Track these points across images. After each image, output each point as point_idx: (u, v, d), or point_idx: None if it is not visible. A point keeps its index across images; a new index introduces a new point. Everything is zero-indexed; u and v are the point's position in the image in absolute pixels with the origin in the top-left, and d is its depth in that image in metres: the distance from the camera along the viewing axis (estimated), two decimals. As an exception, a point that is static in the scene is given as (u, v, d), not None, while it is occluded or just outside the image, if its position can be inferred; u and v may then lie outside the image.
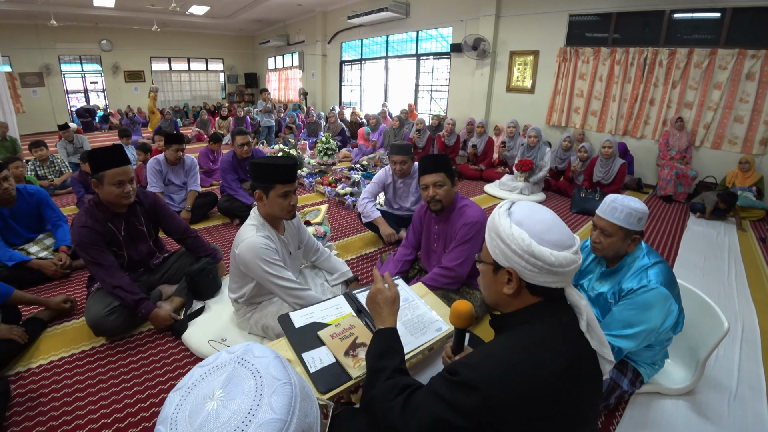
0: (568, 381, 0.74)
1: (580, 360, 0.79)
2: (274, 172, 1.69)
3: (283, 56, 13.97)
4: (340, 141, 7.63)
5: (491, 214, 0.89)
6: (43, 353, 1.91)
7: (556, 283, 0.81)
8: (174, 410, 0.53)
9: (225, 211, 3.79)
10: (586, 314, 0.82)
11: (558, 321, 0.82)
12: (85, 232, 1.91)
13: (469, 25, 7.30)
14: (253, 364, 0.57)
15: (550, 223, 0.82)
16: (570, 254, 0.79)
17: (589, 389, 0.80)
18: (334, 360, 1.26)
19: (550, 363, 0.74)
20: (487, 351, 0.82)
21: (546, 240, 0.79)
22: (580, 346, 0.81)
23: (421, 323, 1.43)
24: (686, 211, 4.62)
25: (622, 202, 1.50)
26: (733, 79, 4.76)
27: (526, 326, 0.82)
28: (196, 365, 0.59)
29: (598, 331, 0.82)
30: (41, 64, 11.39)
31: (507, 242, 0.81)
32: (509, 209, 0.87)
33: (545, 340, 0.78)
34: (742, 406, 1.71)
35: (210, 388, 0.54)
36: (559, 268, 0.78)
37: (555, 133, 6.51)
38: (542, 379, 0.72)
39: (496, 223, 0.85)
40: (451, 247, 2.03)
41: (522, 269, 0.81)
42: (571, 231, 0.84)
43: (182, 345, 1.98)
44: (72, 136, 5.82)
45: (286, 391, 0.54)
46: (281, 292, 1.71)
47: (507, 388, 0.71)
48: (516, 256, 0.80)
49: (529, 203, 0.88)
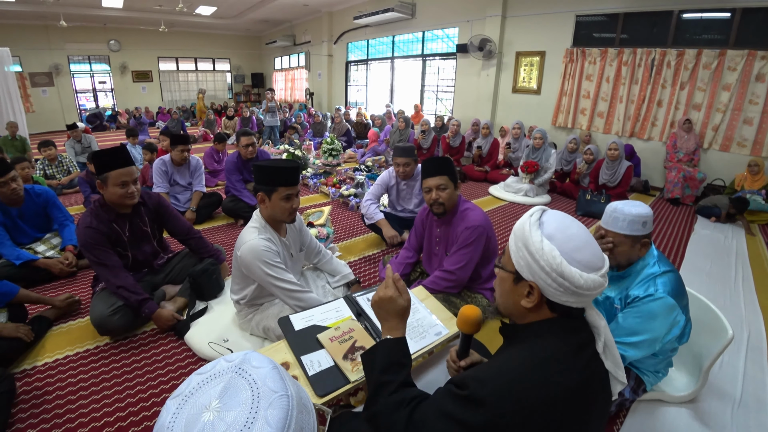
0: (579, 400, 0.73)
1: (591, 381, 0.77)
2: (277, 175, 1.70)
3: (290, 56, 14.03)
4: (345, 142, 7.64)
5: (520, 222, 0.83)
6: (48, 351, 1.93)
7: (578, 303, 0.78)
8: (170, 420, 0.53)
9: (229, 212, 3.82)
10: (605, 336, 0.80)
11: (573, 339, 0.79)
12: (90, 233, 1.94)
13: (475, 26, 7.27)
14: (251, 375, 0.57)
15: (583, 241, 0.78)
16: (598, 277, 0.76)
17: (598, 409, 0.79)
18: (333, 363, 1.26)
19: (562, 381, 0.72)
20: (498, 365, 0.79)
21: (577, 260, 0.76)
22: (591, 366, 0.78)
23: (420, 327, 1.43)
24: (693, 215, 4.56)
25: (623, 210, 1.46)
26: (742, 80, 4.70)
27: (539, 341, 0.79)
28: (194, 372, 0.59)
29: (614, 352, 0.81)
30: (51, 64, 11.55)
31: (536, 257, 0.77)
32: (540, 218, 0.82)
33: (557, 358, 0.75)
34: (745, 415, 1.68)
35: (207, 397, 0.54)
36: (585, 291, 0.75)
37: (561, 134, 6.46)
38: (553, 398, 0.70)
39: (526, 235, 0.79)
40: (452, 251, 2.03)
41: (546, 286, 0.77)
42: (602, 252, 0.80)
43: (184, 345, 1.99)
44: (80, 136, 5.89)
45: (282, 404, 0.54)
46: (282, 294, 1.72)
47: (516, 406, 0.69)
48: (542, 273, 0.76)
49: (561, 214, 0.83)
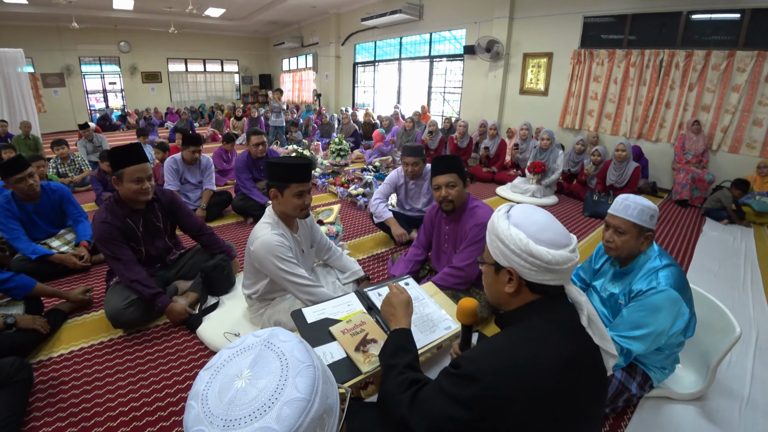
0: (568, 375, 0.76)
1: (580, 355, 0.81)
2: (289, 171, 1.74)
3: (297, 58, 14.10)
4: (353, 142, 7.67)
5: (491, 218, 0.93)
6: (63, 343, 1.98)
7: (555, 280, 0.84)
8: (204, 387, 0.56)
9: (239, 210, 3.86)
10: (587, 309, 0.85)
11: (557, 317, 0.85)
12: (105, 228, 1.98)
13: (482, 27, 7.28)
14: (279, 347, 0.59)
15: (545, 224, 0.86)
16: (566, 252, 0.83)
17: (592, 385, 0.81)
18: (345, 355, 1.29)
19: (549, 356, 0.77)
20: (487, 345, 0.85)
21: (542, 240, 0.83)
22: (579, 341, 0.83)
23: (430, 321, 1.45)
24: (701, 216, 4.53)
25: (635, 200, 1.54)
26: (752, 81, 4.66)
27: (525, 322, 0.86)
28: (224, 347, 0.61)
29: (599, 325, 0.85)
30: (62, 65, 11.73)
31: (506, 243, 0.85)
32: (508, 212, 0.91)
33: (544, 335, 0.81)
34: (753, 414, 1.68)
35: (238, 367, 0.57)
36: (556, 266, 0.81)
37: (569, 135, 6.45)
38: (541, 372, 0.74)
39: (496, 226, 0.89)
40: (461, 248, 2.05)
41: (521, 268, 0.84)
42: (567, 231, 0.88)
43: (196, 339, 2.03)
44: (91, 135, 5.98)
45: (309, 373, 0.56)
46: (293, 288, 1.75)
47: (505, 380, 0.74)
48: (515, 256, 0.84)
49: (526, 206, 0.92)
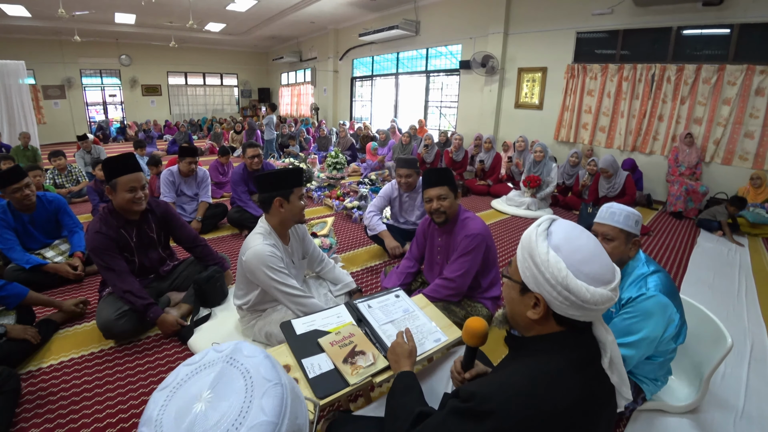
0: (583, 416, 0.72)
1: (595, 395, 0.76)
2: (292, 177, 1.81)
3: (296, 72, 14.30)
4: (349, 156, 7.72)
5: (527, 232, 0.81)
6: (54, 354, 1.97)
7: (585, 317, 0.76)
8: (159, 411, 0.52)
9: (235, 222, 3.87)
10: (611, 351, 0.79)
11: (579, 354, 0.77)
12: (99, 238, 1.99)
13: (478, 43, 7.41)
14: (243, 364, 0.55)
15: (590, 254, 0.75)
16: (607, 291, 0.73)
17: (603, 424, 0.77)
18: (333, 367, 1.28)
19: (566, 397, 0.71)
20: (502, 379, 0.78)
21: (584, 273, 0.73)
22: (597, 381, 0.77)
23: (420, 334, 1.44)
24: (696, 228, 4.55)
25: (619, 207, 1.57)
26: (742, 94, 4.74)
27: (544, 356, 0.77)
28: (182, 363, 0.57)
29: (620, 368, 0.80)
30: (63, 77, 11.87)
31: (541, 269, 0.75)
32: (548, 228, 0.79)
33: (563, 373, 0.73)
34: (748, 426, 1.67)
35: (197, 388, 0.53)
36: (592, 306, 0.72)
37: (564, 149, 6.51)
38: (556, 413, 0.69)
39: (532, 245, 0.77)
40: (452, 259, 2.05)
41: (552, 299, 0.75)
42: (613, 264, 0.77)
43: (188, 350, 2.02)
44: (90, 147, 6.02)
45: (276, 392, 0.53)
46: (285, 298, 1.75)
47: (519, 421, 0.68)
48: (548, 285, 0.74)
49: (570, 224, 0.81)
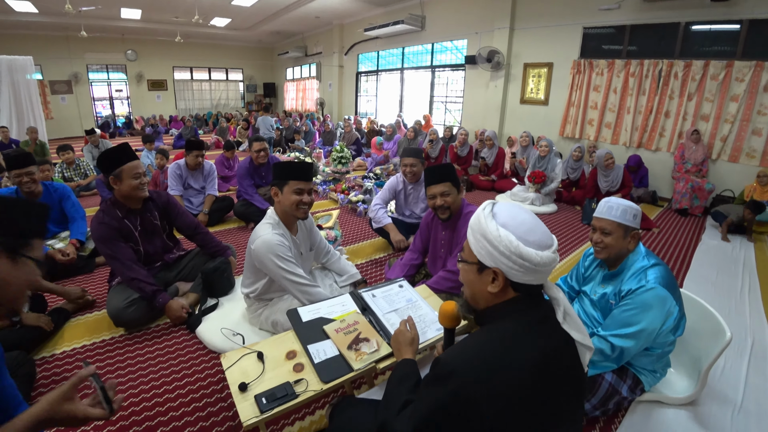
0: (543, 373, 0.77)
1: (556, 353, 0.81)
2: (289, 169, 1.85)
3: (301, 67, 14.30)
4: (354, 150, 7.75)
5: (475, 216, 0.91)
6: (66, 341, 2.03)
7: (537, 280, 0.85)
8: None
9: (241, 215, 3.91)
10: (563, 305, 0.86)
11: (533, 314, 0.85)
12: (103, 228, 2.04)
13: (483, 38, 7.38)
14: None
15: (532, 225, 0.86)
16: (551, 253, 0.83)
17: (568, 384, 0.82)
18: (338, 353, 1.33)
19: (523, 355, 0.77)
20: (463, 345, 0.85)
21: (530, 241, 0.83)
22: (555, 338, 0.83)
23: (422, 323, 1.48)
24: (701, 225, 4.54)
25: (617, 201, 1.60)
26: (750, 91, 4.70)
27: (501, 320, 0.86)
28: None
29: (575, 319, 0.85)
30: (70, 72, 11.97)
31: (495, 244, 0.83)
32: (492, 210, 0.89)
33: (519, 333, 0.81)
34: (746, 420, 1.68)
35: None
36: (542, 267, 0.82)
37: (569, 145, 6.48)
38: (515, 370, 0.75)
39: (483, 226, 0.87)
40: (456, 251, 2.08)
41: (509, 269, 0.83)
42: (549, 230, 0.88)
43: (196, 338, 2.07)
44: (98, 141, 6.09)
45: None
46: (292, 287, 1.79)
47: (479, 378, 0.74)
48: (503, 257, 0.83)
49: (510, 205, 0.91)
